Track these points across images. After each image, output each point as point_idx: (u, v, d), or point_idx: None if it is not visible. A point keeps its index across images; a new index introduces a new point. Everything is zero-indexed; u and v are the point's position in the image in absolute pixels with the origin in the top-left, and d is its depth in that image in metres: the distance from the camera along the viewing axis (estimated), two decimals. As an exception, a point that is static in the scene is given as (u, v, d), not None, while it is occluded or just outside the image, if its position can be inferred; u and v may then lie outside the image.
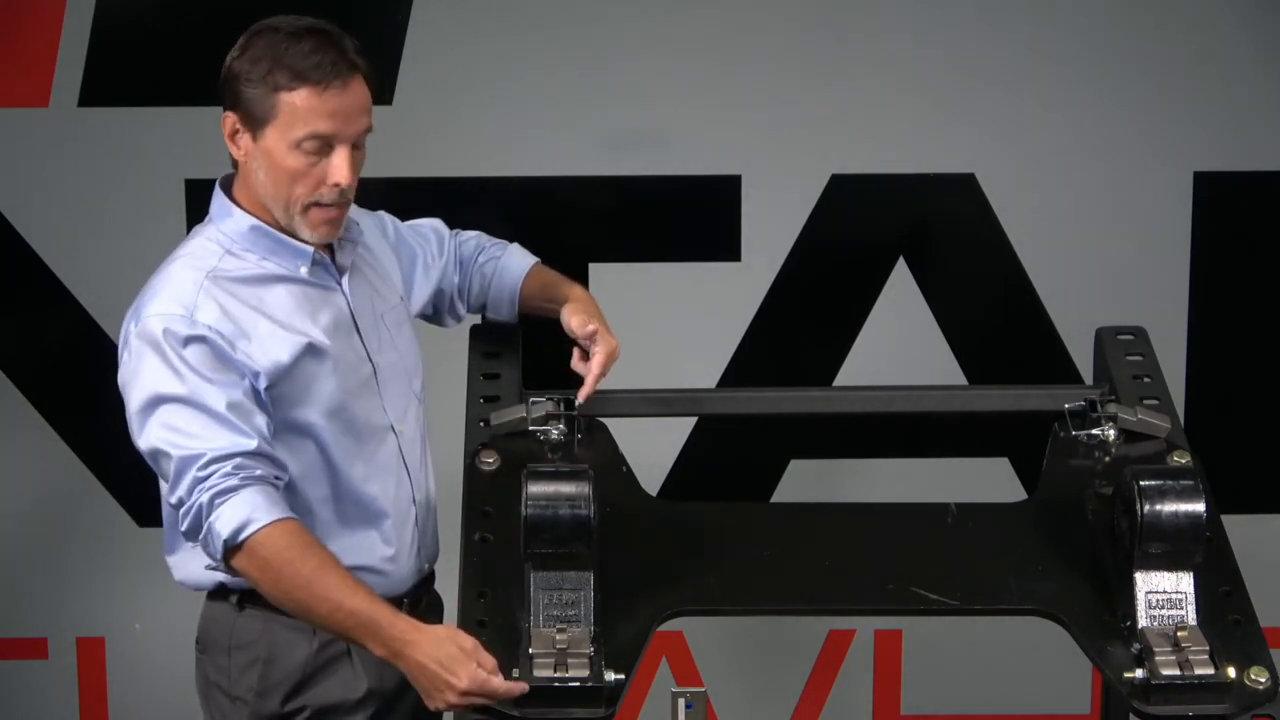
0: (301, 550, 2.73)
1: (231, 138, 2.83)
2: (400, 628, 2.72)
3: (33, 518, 4.19)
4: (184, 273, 2.83)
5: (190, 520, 2.74)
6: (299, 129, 2.78)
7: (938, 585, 2.86)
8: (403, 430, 2.95)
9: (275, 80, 2.77)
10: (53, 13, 4.00)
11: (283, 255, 2.86)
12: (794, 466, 4.24)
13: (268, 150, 2.80)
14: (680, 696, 2.83)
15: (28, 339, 4.16)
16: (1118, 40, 4.07)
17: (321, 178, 2.81)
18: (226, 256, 2.85)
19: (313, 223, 2.85)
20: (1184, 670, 2.66)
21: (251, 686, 2.90)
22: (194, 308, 2.78)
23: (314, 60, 2.77)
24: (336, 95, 2.79)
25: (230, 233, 2.86)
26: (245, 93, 2.80)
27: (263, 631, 2.89)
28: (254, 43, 2.81)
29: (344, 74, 2.80)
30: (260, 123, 2.79)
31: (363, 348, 2.92)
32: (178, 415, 2.75)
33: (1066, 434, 3.07)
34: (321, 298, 2.89)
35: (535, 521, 2.72)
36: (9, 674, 4.24)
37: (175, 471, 2.75)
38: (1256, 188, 4.13)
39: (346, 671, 2.91)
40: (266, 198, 2.84)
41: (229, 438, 2.74)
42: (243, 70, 2.80)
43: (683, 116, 4.08)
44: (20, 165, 4.06)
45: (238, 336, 2.79)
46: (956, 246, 4.18)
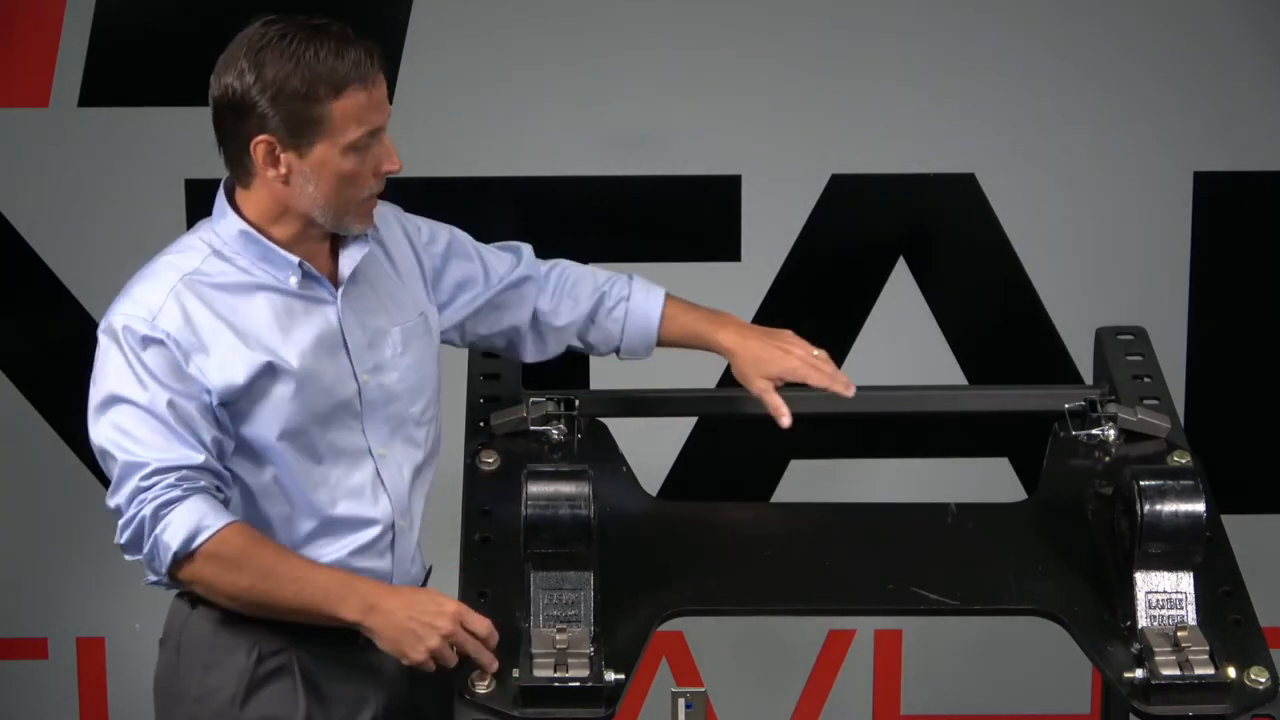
0: (259, 542, 2.72)
1: (267, 160, 2.73)
2: (373, 585, 2.73)
3: (33, 518, 4.19)
4: (162, 273, 2.78)
5: (131, 532, 2.70)
6: (353, 131, 2.72)
7: (938, 585, 2.86)
8: (384, 454, 2.86)
9: (319, 91, 2.69)
10: (53, 13, 4.00)
11: (271, 264, 2.79)
12: (794, 466, 4.24)
13: (319, 162, 2.73)
14: (680, 696, 2.83)
15: (28, 339, 4.16)
16: (1118, 40, 4.07)
17: (373, 170, 2.76)
18: (212, 258, 2.78)
19: (363, 214, 2.80)
20: (1184, 670, 2.66)
21: (188, 691, 2.86)
22: (158, 311, 2.73)
23: (350, 59, 2.71)
24: (376, 87, 2.75)
25: (223, 234, 2.80)
26: (281, 112, 2.70)
27: (208, 635, 2.84)
28: (267, 59, 2.71)
29: (375, 62, 2.75)
30: (309, 139, 2.71)
31: (349, 365, 2.83)
32: (128, 418, 2.71)
33: (1066, 434, 3.07)
34: (306, 311, 2.81)
35: (535, 521, 2.72)
36: (9, 674, 4.24)
37: (118, 476, 2.71)
38: (1256, 188, 4.13)
39: (285, 689, 2.83)
40: (313, 208, 2.76)
41: (177, 450, 2.70)
42: (269, 91, 2.70)
43: (683, 116, 4.08)
44: (20, 165, 4.06)
45: (195, 349, 2.73)
46: (956, 246, 4.18)
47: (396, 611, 2.69)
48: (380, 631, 2.70)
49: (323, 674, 2.85)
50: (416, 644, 2.68)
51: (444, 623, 2.67)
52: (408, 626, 2.68)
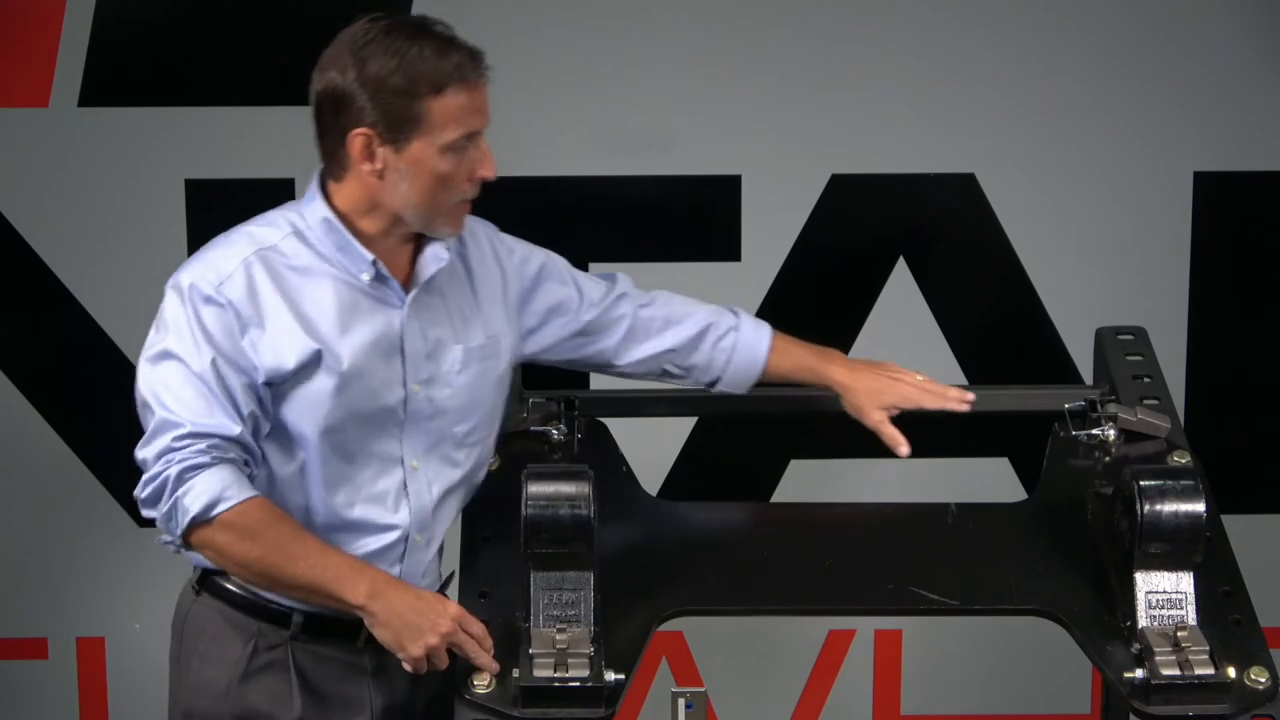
0: (279, 518, 2.72)
1: (364, 154, 2.73)
2: (384, 575, 2.74)
3: (33, 518, 4.19)
4: (239, 242, 2.78)
5: (153, 489, 2.71)
6: (451, 131, 2.72)
7: (938, 585, 2.86)
8: (417, 467, 2.85)
9: (420, 88, 2.70)
10: (53, 13, 4.00)
11: (347, 256, 2.78)
12: (794, 466, 4.24)
13: (415, 160, 2.72)
14: (680, 696, 2.84)
15: (28, 339, 4.16)
16: (1118, 41, 4.07)
17: (468, 174, 2.76)
18: (292, 238, 2.78)
19: (455, 219, 2.81)
20: (1184, 670, 2.66)
21: (185, 678, 2.87)
22: (226, 278, 2.73)
23: (454, 60, 2.72)
24: (478, 90, 2.75)
25: (307, 218, 2.79)
26: (381, 106, 2.70)
27: (208, 624, 2.85)
28: (371, 54, 2.72)
29: (479, 65, 2.76)
30: (406, 135, 2.71)
31: (400, 372, 2.82)
32: (175, 376, 2.72)
33: (1066, 434, 3.07)
34: (371, 310, 2.80)
35: (535, 521, 2.72)
36: (9, 674, 4.24)
37: (152, 430, 2.72)
38: (1256, 188, 4.13)
39: (280, 684, 2.84)
40: (405, 206, 2.76)
41: (216, 417, 2.70)
42: (370, 85, 2.70)
43: (683, 116, 4.08)
44: (20, 165, 4.06)
45: (252, 323, 2.73)
46: (956, 246, 4.18)
47: (401, 604, 2.70)
48: (382, 620, 2.70)
49: (319, 673, 2.85)
50: (416, 639, 2.68)
51: (445, 622, 2.68)
52: (410, 620, 2.69)
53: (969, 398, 3.08)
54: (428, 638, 2.68)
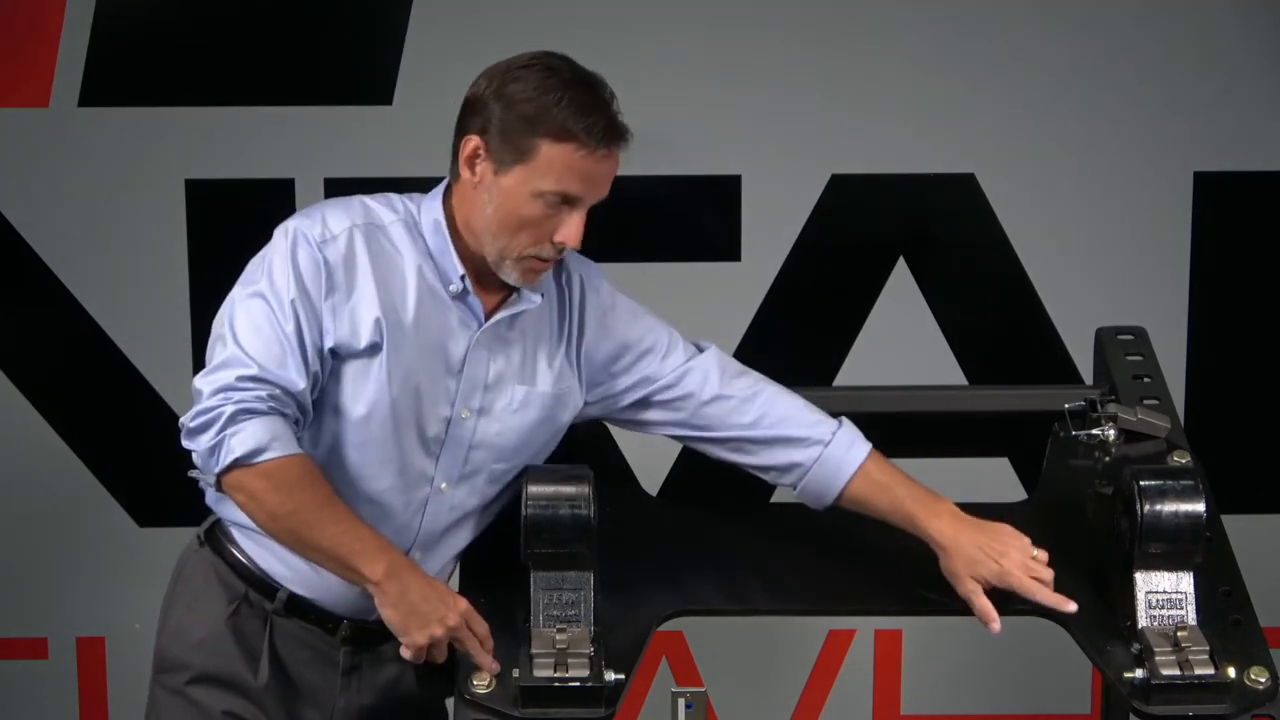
0: (318, 480, 2.71)
1: (469, 160, 2.74)
2: (405, 559, 2.74)
3: (33, 518, 4.19)
4: (353, 209, 2.78)
5: (203, 420, 2.67)
6: (548, 183, 2.70)
7: (938, 585, 2.86)
8: (444, 490, 2.83)
9: (540, 127, 2.69)
10: (53, 13, 4.00)
11: (440, 261, 2.78)
12: (794, 466, 4.23)
13: (507, 190, 2.71)
14: (680, 696, 2.84)
15: (28, 339, 4.16)
16: (1117, 40, 4.07)
17: (550, 233, 2.73)
18: (399, 225, 2.79)
19: (524, 270, 2.76)
20: (1184, 670, 2.66)
21: (166, 622, 2.89)
22: (331, 239, 2.73)
23: (589, 120, 2.71)
24: (598, 161, 2.72)
25: (422, 213, 2.80)
26: (502, 124, 2.71)
27: (199, 576, 2.86)
28: (521, 76, 2.72)
29: (613, 142, 2.74)
30: (508, 160, 2.71)
31: (453, 394, 2.80)
32: (260, 315, 2.70)
33: (1066, 434, 3.07)
34: (446, 322, 2.78)
35: (535, 521, 2.72)
36: (9, 674, 4.24)
37: (219, 362, 2.70)
38: (1256, 188, 4.13)
39: (250, 651, 2.84)
40: (484, 231, 2.75)
41: (287, 369, 2.69)
42: (502, 101, 2.71)
43: (683, 116, 4.08)
44: (20, 165, 4.06)
45: (339, 288, 2.73)
46: (956, 246, 4.18)
47: (414, 589, 2.70)
48: (392, 600, 2.70)
49: (292, 655, 2.85)
50: (421, 627, 2.68)
51: (452, 616, 2.68)
52: (419, 607, 2.69)
53: (1070, 607, 2.78)
54: (432, 628, 2.68)
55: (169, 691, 2.88)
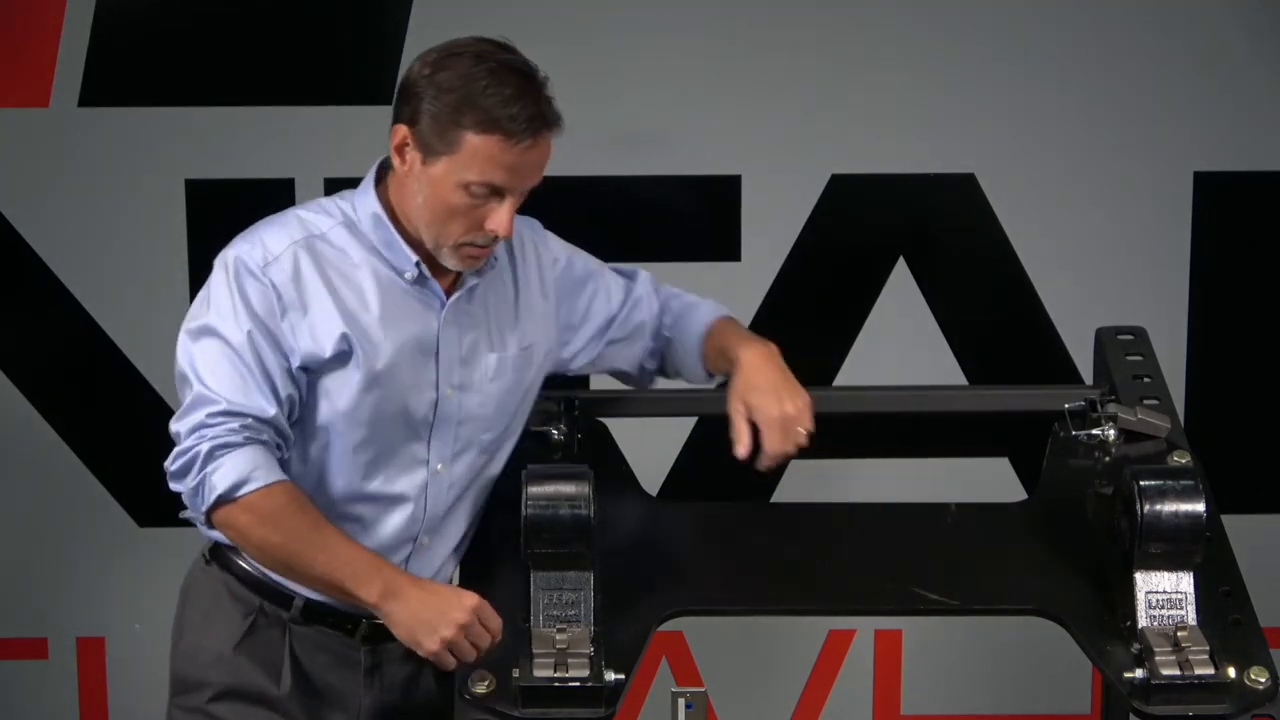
0: (303, 507, 2.72)
1: (398, 149, 2.75)
2: (399, 573, 2.73)
3: (33, 518, 4.19)
4: (289, 225, 2.78)
5: (183, 462, 2.70)
6: (473, 173, 2.70)
7: (938, 585, 2.86)
8: (439, 470, 2.85)
9: (464, 118, 2.69)
10: (53, 13, 4.00)
11: (392, 253, 2.79)
12: (794, 466, 4.21)
13: (434, 179, 2.72)
14: (680, 696, 2.84)
15: (28, 339, 4.16)
16: (1117, 40, 4.07)
17: (480, 221, 2.74)
18: (341, 228, 2.79)
19: (461, 258, 2.78)
20: (1184, 670, 2.66)
21: (181, 642, 2.88)
22: (273, 260, 2.74)
23: (512, 110, 2.70)
24: (523, 152, 2.72)
25: (359, 210, 2.80)
26: (430, 114, 2.71)
27: (211, 593, 2.86)
28: (450, 65, 2.72)
29: (538, 131, 2.73)
30: (434, 151, 2.71)
31: (434, 375, 2.82)
32: (216, 353, 2.72)
33: (1066, 434, 3.07)
34: (410, 310, 2.80)
35: (535, 521, 2.72)
36: (9, 674, 4.24)
37: (188, 404, 2.72)
38: (1256, 188, 4.13)
39: (272, 661, 2.84)
40: (418, 220, 2.76)
41: (253, 398, 2.71)
42: (430, 90, 2.71)
43: (683, 116, 4.08)
44: (20, 165, 4.06)
45: (293, 307, 2.73)
46: (956, 246, 4.18)
47: (415, 601, 2.69)
48: (397, 618, 2.69)
49: (313, 660, 2.86)
50: (431, 634, 2.66)
51: (460, 614, 2.67)
52: (424, 616, 2.67)
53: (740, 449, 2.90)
54: (441, 631, 2.66)
55: (189, 712, 2.87)
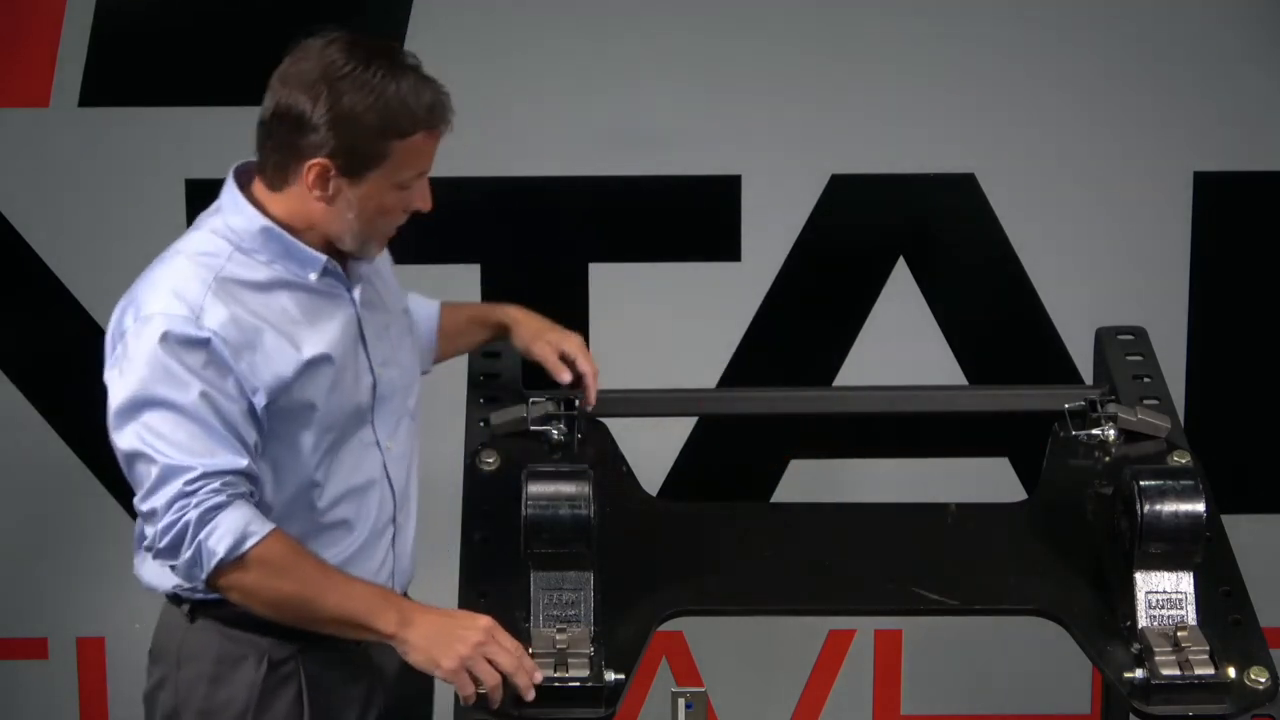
0: (299, 551, 2.71)
1: (318, 183, 2.70)
2: (409, 601, 2.74)
3: (33, 518, 4.19)
4: (191, 269, 2.72)
5: (171, 538, 2.65)
6: (408, 172, 2.73)
7: (938, 585, 2.86)
8: (390, 447, 2.86)
9: (389, 130, 2.69)
10: (53, 13, 4.00)
11: (292, 260, 2.75)
12: (794, 466, 4.24)
13: (367, 194, 2.72)
14: (680, 696, 2.84)
15: (28, 339, 4.16)
16: (1117, 40, 4.07)
17: (406, 206, 2.77)
18: (236, 254, 2.74)
19: (383, 242, 2.83)
20: (1184, 670, 2.66)
21: (196, 705, 2.83)
22: (201, 310, 2.68)
23: (424, 100, 2.71)
24: (439, 133, 2.77)
25: (240, 230, 2.75)
26: (347, 143, 2.68)
27: (214, 647, 2.82)
28: (345, 89, 2.68)
29: (449, 112, 2.77)
30: (364, 168, 2.70)
31: (367, 360, 2.84)
32: (167, 422, 2.66)
33: (1066, 434, 3.07)
34: (328, 307, 2.79)
35: (535, 521, 2.72)
36: (9, 674, 4.24)
37: (156, 480, 2.66)
38: (1256, 188, 4.13)
39: (292, 698, 2.82)
40: (344, 233, 2.75)
41: (222, 455, 2.66)
42: (342, 122, 2.67)
43: (683, 116, 4.08)
44: (20, 165, 4.06)
45: (243, 346, 2.69)
46: (956, 246, 4.18)
47: (430, 625, 2.68)
48: (414, 643, 2.67)
49: (327, 678, 2.85)
50: (448, 652, 2.65)
51: (474, 634, 2.65)
52: (439, 638, 2.66)
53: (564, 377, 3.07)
54: (458, 648, 2.64)
55: None
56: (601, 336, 4.09)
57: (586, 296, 4.13)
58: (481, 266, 4.11)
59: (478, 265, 4.11)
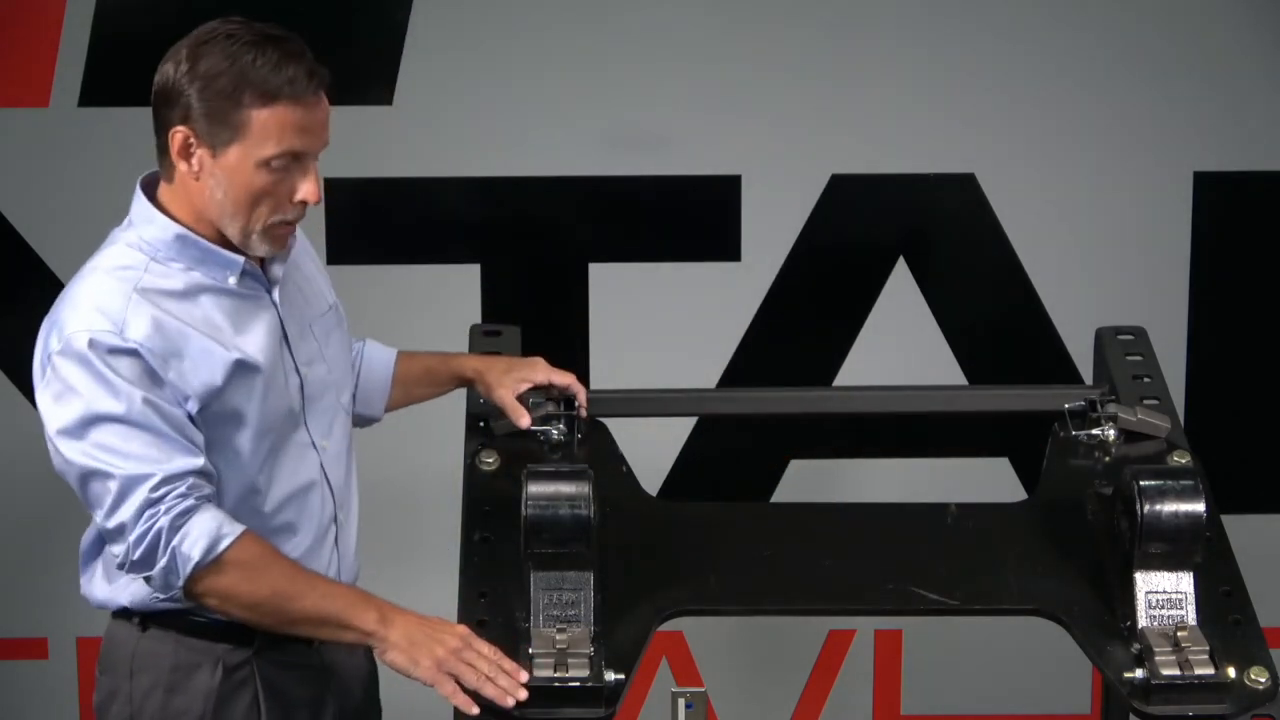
0: (272, 552, 2.70)
1: (181, 152, 2.67)
2: (385, 601, 2.72)
3: (33, 518, 4.19)
4: (109, 284, 2.69)
5: (144, 548, 2.63)
6: (270, 147, 2.64)
7: (938, 585, 2.86)
8: (325, 446, 2.84)
9: (244, 97, 2.62)
10: (53, 13, 4.00)
11: (210, 265, 2.71)
12: (794, 466, 4.24)
13: (230, 168, 2.65)
14: (680, 696, 2.84)
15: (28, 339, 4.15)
16: (1117, 40, 4.07)
17: (288, 195, 2.68)
18: (152, 265, 2.70)
19: (273, 239, 2.72)
20: (1184, 670, 2.66)
21: (151, 714, 2.82)
22: (123, 323, 2.65)
23: (286, 74, 2.63)
24: (310, 111, 2.67)
25: (153, 240, 2.71)
26: (204, 106, 2.63)
27: (168, 655, 2.80)
28: (206, 52, 2.64)
29: (316, 88, 2.68)
30: (222, 140, 2.64)
31: (292, 360, 2.80)
32: (115, 435, 2.63)
33: (1066, 434, 3.07)
34: (250, 309, 2.74)
35: (535, 521, 2.72)
36: (9, 674, 4.24)
37: (117, 494, 2.62)
38: (1256, 188, 4.13)
39: (249, 702, 2.81)
40: (221, 216, 2.68)
41: (178, 457, 2.64)
42: (197, 83, 2.63)
43: (683, 116, 4.08)
44: (20, 165, 4.06)
45: (170, 355, 2.65)
46: (956, 246, 4.18)
47: (409, 625, 2.68)
48: (393, 643, 2.68)
49: (283, 680, 2.83)
50: (427, 654, 2.66)
51: (451, 639, 2.66)
52: (418, 639, 2.67)
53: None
54: (435, 650, 2.65)
55: None
56: (601, 336, 4.10)
57: (586, 296, 4.13)
58: (481, 266, 4.11)
59: (478, 265, 4.11)
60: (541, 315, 4.04)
